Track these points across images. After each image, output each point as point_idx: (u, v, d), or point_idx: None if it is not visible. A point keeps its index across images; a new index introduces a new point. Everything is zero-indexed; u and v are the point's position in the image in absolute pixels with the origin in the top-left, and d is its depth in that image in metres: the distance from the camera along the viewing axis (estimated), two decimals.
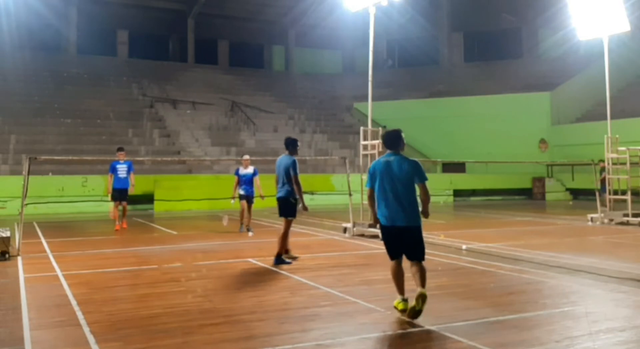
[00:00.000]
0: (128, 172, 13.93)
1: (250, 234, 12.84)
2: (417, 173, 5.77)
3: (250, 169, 13.28)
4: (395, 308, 5.75)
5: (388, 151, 5.92)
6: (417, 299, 5.48)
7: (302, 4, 35.09)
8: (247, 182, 13.21)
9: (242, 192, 13.22)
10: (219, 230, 13.86)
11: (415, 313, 5.48)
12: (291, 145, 8.92)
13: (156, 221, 16.70)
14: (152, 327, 5.38)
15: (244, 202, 13.24)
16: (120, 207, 13.94)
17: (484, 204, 23.97)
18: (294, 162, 8.70)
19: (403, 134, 5.98)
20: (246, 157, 13.50)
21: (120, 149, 14.22)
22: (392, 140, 5.91)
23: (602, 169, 20.84)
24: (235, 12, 35.63)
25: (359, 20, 21.88)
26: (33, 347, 4.83)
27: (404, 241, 5.80)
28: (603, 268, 8.27)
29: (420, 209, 5.83)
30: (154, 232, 14.10)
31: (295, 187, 8.66)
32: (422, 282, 5.65)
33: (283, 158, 8.89)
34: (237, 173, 13.40)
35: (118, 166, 13.85)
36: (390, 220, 5.77)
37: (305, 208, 9.03)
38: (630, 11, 17.13)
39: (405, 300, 5.72)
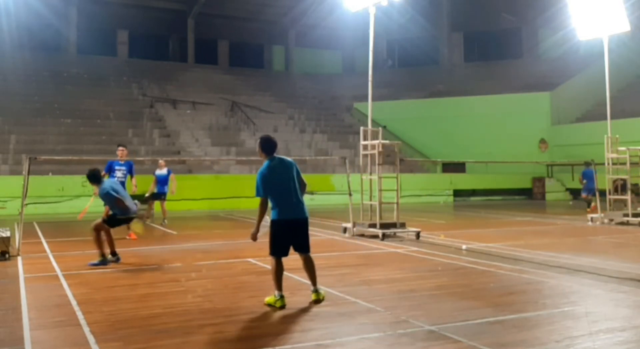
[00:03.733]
0: (126, 175, 12.23)
1: (165, 222, 15.02)
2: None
3: (164, 170, 15.27)
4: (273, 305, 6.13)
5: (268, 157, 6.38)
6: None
7: (302, 4, 35.09)
8: (162, 182, 15.11)
9: (156, 190, 15.12)
10: (218, 229, 13.85)
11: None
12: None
13: (156, 221, 16.69)
14: (152, 327, 5.38)
15: (157, 199, 15.34)
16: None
17: (484, 204, 23.97)
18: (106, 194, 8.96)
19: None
20: (161, 160, 15.56)
21: (120, 145, 12.55)
22: (274, 146, 6.46)
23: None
24: (235, 12, 35.63)
25: (359, 20, 21.84)
26: (33, 347, 4.83)
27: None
28: (603, 268, 8.27)
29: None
30: (154, 232, 14.09)
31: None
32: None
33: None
34: (154, 174, 15.30)
35: (116, 167, 12.12)
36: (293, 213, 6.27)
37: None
38: (630, 11, 17.13)
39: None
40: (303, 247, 6.37)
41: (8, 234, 9.56)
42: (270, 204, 6.25)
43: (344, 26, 33.62)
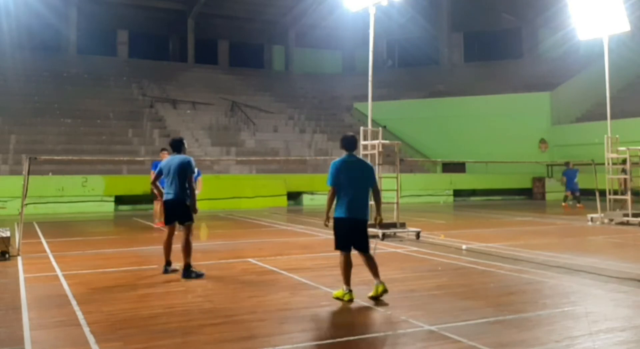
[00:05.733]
0: None
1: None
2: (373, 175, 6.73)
3: None
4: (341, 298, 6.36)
5: (346, 153, 6.62)
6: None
7: (302, 4, 35.08)
8: None
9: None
10: (218, 229, 13.86)
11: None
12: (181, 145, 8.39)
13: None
14: (152, 327, 5.38)
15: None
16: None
17: (484, 204, 23.97)
18: (189, 162, 8.22)
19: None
20: (165, 152, 14.15)
21: (164, 149, 13.25)
22: (353, 143, 6.72)
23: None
24: (235, 12, 35.61)
25: (359, 20, 21.87)
26: (33, 347, 4.83)
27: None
28: (603, 268, 8.27)
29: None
30: (154, 232, 14.08)
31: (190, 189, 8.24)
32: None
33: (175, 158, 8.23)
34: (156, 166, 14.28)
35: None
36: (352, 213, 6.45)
37: (195, 211, 8.62)
38: (630, 11, 17.13)
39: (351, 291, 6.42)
40: (361, 246, 6.53)
41: (8, 234, 9.56)
42: (335, 200, 6.49)
43: (344, 26, 33.58)
